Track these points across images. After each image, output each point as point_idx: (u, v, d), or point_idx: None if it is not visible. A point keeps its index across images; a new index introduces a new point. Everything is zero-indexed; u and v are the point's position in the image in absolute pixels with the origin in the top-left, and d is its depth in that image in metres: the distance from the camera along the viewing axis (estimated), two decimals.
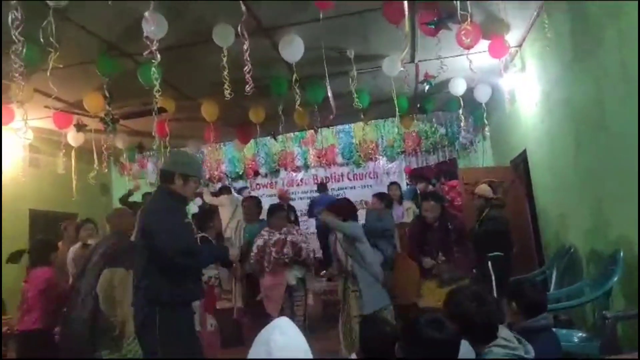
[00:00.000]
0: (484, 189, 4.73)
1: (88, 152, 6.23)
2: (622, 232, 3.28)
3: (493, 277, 4.17)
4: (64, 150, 5.92)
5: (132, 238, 3.61)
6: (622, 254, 3.10)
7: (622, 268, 3.06)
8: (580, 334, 3.28)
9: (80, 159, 6.30)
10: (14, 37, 3.04)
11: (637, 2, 2.51)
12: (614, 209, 3.40)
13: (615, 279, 3.02)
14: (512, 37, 4.76)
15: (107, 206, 8.52)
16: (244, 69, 3.73)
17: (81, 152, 6.30)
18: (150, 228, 2.57)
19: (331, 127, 8.10)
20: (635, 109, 2.88)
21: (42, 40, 3.28)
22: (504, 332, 1.94)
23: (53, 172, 6.43)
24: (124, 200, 6.69)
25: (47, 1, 3.25)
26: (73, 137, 5.99)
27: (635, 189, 3.02)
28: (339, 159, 8.71)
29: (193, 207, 8.01)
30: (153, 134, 5.34)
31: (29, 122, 4.33)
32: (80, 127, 5.81)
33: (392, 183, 7.17)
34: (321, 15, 3.70)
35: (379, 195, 5.31)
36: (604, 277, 3.16)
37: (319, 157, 8.68)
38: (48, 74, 3.51)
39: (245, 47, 3.65)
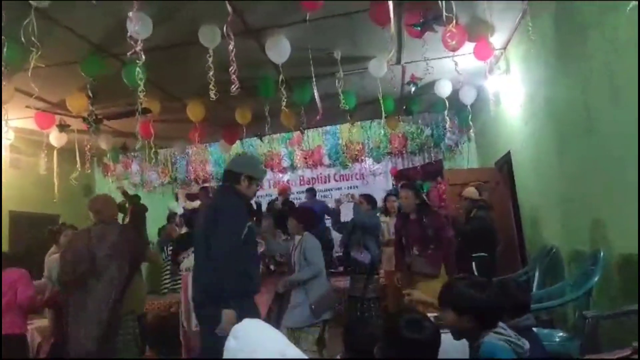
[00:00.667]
0: (470, 191, 4.85)
1: (71, 152, 6.15)
2: (602, 233, 3.34)
3: None
4: (45, 151, 5.83)
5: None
6: (602, 254, 3.16)
7: (602, 268, 3.12)
8: (561, 334, 3.33)
9: (63, 160, 6.21)
10: None
11: (624, 4, 2.55)
12: (595, 210, 3.46)
13: (596, 279, 3.07)
14: (497, 40, 4.82)
15: None
16: (230, 70, 3.72)
17: (64, 153, 6.20)
18: (220, 225, 2.67)
19: (318, 128, 8.11)
20: (620, 111, 2.94)
21: (23, 39, 3.23)
22: (499, 323, 1.96)
23: (34, 172, 6.33)
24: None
25: (30, 0, 3.20)
26: (55, 138, 5.90)
27: (618, 190, 3.08)
28: (326, 160, 8.71)
29: (178, 208, 7.96)
30: (137, 134, 5.29)
31: (9, 122, 4.26)
32: (62, 128, 5.72)
33: (389, 194, 7.25)
34: (308, 17, 3.71)
35: (366, 197, 5.33)
36: (585, 277, 3.22)
37: (305, 158, 8.68)
38: (29, 73, 3.45)
39: (231, 47, 3.63)
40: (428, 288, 3.77)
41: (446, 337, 1.89)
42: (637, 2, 2.41)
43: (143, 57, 3.48)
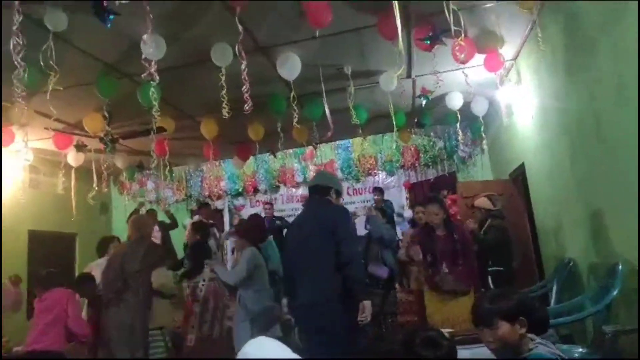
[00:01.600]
0: (483, 201, 4.78)
1: (88, 172, 6.26)
2: (620, 245, 3.28)
3: None
4: (63, 171, 5.95)
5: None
6: (620, 266, 3.09)
7: (621, 281, 3.05)
8: (580, 349, 3.25)
9: (80, 179, 6.33)
10: (15, 62, 3.08)
11: (636, 8, 2.53)
12: (612, 221, 3.40)
13: (615, 292, 3.01)
14: (507, 51, 4.81)
15: (107, 225, 8.54)
16: (242, 88, 3.77)
17: (81, 172, 6.32)
18: (345, 230, 2.97)
19: (330, 143, 8.14)
20: (631, 120, 2.90)
21: (42, 63, 3.32)
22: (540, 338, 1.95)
23: (52, 192, 6.47)
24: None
25: (48, 25, 3.31)
26: (73, 158, 6.02)
27: (633, 200, 3.03)
28: (339, 174, 8.72)
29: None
30: (152, 153, 5.37)
31: (29, 143, 4.37)
32: (80, 148, 5.84)
33: (375, 188, 7.33)
34: (317, 33, 3.76)
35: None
36: (604, 290, 3.15)
37: None
38: (47, 96, 3.55)
39: (243, 66, 3.69)
40: (459, 305, 3.76)
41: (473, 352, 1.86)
42: (637, 2, 2.39)
43: (157, 77, 3.55)
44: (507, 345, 1.87)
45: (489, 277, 4.59)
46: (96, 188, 5.94)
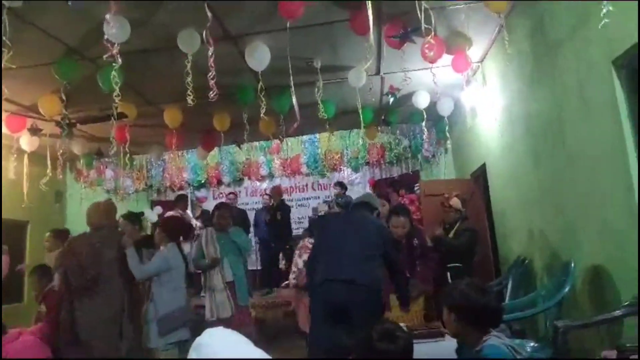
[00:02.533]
0: (456, 201, 4.83)
1: (42, 157, 5.98)
2: (573, 245, 3.42)
3: None
4: (15, 155, 5.66)
5: None
6: (573, 265, 3.22)
7: (573, 279, 3.17)
8: (532, 344, 3.36)
9: (33, 164, 6.04)
10: None
11: (598, 18, 2.61)
12: (566, 222, 3.54)
13: (567, 289, 3.12)
14: (474, 53, 4.91)
15: (61, 213, 8.21)
16: (209, 75, 3.69)
17: (34, 157, 6.04)
18: (392, 243, 3.54)
19: (297, 137, 8.10)
20: (593, 126, 3.02)
21: None
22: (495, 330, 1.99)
23: (4, 176, 6.14)
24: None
25: (3, 0, 3.12)
26: (27, 141, 5.74)
27: (589, 204, 3.16)
28: (304, 169, 8.70)
29: (152, 216, 7.83)
30: (112, 139, 5.18)
31: None
32: (34, 131, 5.58)
33: (337, 182, 7.40)
34: (288, 25, 3.71)
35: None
36: (556, 287, 3.27)
37: (284, 167, 8.66)
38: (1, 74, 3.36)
39: (210, 53, 3.61)
40: (417, 304, 3.86)
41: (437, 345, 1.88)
42: (607, 20, 2.48)
43: (119, 60, 3.42)
44: (456, 334, 1.97)
45: (448, 273, 4.68)
46: (50, 174, 5.68)
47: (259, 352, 1.33)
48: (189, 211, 8.00)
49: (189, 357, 1.30)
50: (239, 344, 1.32)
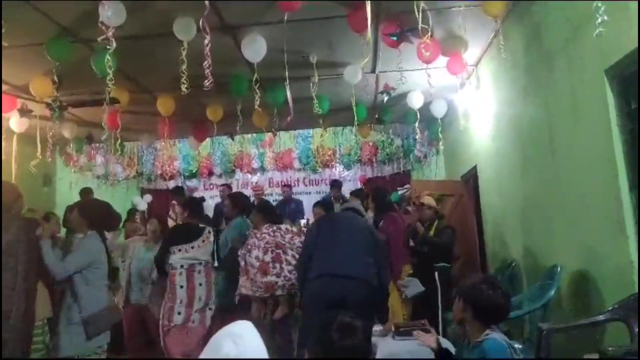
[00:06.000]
0: (429, 199, 4.84)
1: (31, 139, 5.89)
2: (560, 249, 3.45)
3: (439, 288, 4.27)
4: (4, 135, 5.57)
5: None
6: (559, 269, 3.25)
7: (559, 282, 3.21)
8: (516, 345, 3.39)
9: (23, 146, 5.95)
10: None
11: (592, 29, 2.63)
12: (553, 227, 3.57)
13: (552, 292, 3.16)
14: (469, 56, 4.93)
15: (50, 197, 8.12)
16: (204, 64, 3.66)
17: (24, 139, 5.95)
18: (380, 246, 3.62)
19: (290, 131, 8.08)
20: (582, 135, 3.04)
21: None
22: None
23: None
24: None
25: None
26: (16, 123, 5.66)
27: (575, 210, 3.19)
28: (296, 164, 8.69)
29: (141, 203, 7.78)
30: (103, 125, 5.13)
31: None
32: (24, 112, 5.49)
33: (334, 181, 7.44)
34: (286, 17, 3.69)
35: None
36: (542, 290, 3.30)
37: (276, 161, 8.64)
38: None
39: (206, 41, 3.58)
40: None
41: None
42: (602, 29, 2.49)
43: (114, 44, 3.38)
44: (460, 321, 2.04)
45: (436, 273, 4.71)
46: (39, 157, 5.60)
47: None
48: None
49: (223, 345, 1.15)
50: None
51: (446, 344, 2.24)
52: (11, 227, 3.03)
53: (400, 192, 6.68)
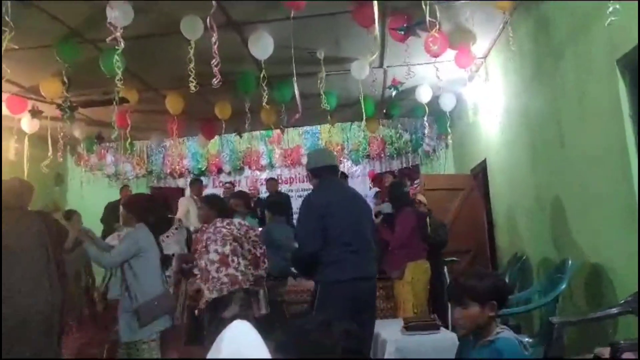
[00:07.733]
0: (423, 197, 4.89)
1: (43, 139, 5.97)
2: (570, 243, 3.42)
3: (448, 282, 4.26)
4: (16, 136, 5.65)
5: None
6: (570, 262, 3.23)
7: (570, 276, 3.19)
8: (526, 339, 3.39)
9: (34, 147, 6.02)
10: None
11: (603, 22, 2.60)
12: (563, 220, 3.54)
13: (563, 286, 3.14)
14: (478, 49, 4.88)
15: (61, 197, 8.21)
16: (212, 62, 3.67)
17: (35, 140, 6.02)
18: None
19: (298, 128, 8.08)
20: (591, 128, 3.01)
21: None
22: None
23: (4, 158, 6.13)
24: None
25: None
26: (27, 123, 5.73)
27: (585, 203, 3.16)
28: (304, 160, 8.69)
29: None
30: (113, 124, 5.17)
31: None
32: (35, 113, 5.56)
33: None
34: (292, 14, 3.69)
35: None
36: (553, 284, 3.28)
37: (284, 157, 8.65)
38: (1, 55, 3.34)
39: (213, 39, 3.59)
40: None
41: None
42: (613, 18, 2.46)
43: (122, 44, 3.40)
44: (474, 326, 1.87)
45: (445, 268, 4.72)
46: (51, 157, 5.67)
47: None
48: None
49: (214, 349, 1.13)
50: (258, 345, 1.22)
51: (453, 338, 2.19)
52: (34, 219, 3.22)
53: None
